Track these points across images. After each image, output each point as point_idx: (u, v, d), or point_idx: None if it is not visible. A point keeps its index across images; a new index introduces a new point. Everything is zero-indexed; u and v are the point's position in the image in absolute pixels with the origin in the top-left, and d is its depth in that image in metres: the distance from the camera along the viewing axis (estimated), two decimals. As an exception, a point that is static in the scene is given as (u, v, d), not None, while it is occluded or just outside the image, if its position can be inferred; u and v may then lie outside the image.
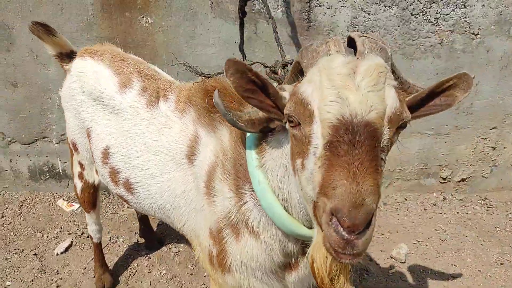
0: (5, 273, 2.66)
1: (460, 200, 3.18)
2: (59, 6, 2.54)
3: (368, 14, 2.56)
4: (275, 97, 1.13)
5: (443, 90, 1.15)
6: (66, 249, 2.82)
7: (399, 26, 2.60)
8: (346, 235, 0.93)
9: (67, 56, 2.02)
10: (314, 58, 1.09)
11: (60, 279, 2.63)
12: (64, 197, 3.27)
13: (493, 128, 2.95)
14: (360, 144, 0.97)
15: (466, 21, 2.58)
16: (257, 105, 1.13)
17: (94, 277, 2.56)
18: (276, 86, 1.18)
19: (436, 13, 2.55)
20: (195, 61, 2.70)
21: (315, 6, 2.55)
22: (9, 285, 2.59)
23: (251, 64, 1.32)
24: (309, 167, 1.04)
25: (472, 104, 2.85)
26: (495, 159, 3.07)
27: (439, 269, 2.62)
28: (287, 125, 1.13)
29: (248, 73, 1.07)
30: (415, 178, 3.15)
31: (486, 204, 3.15)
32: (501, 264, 2.65)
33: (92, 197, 2.19)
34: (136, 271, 2.68)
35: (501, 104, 2.86)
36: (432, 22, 2.58)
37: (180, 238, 2.89)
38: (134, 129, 1.70)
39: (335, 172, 0.96)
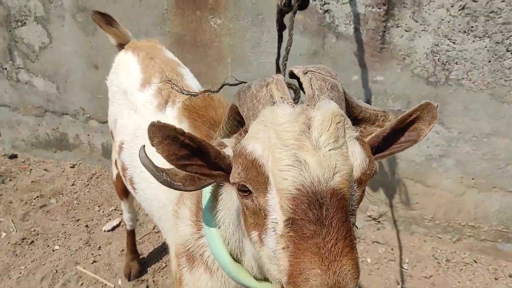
0: (57, 237, 2.89)
1: (543, 275, 2.66)
2: (137, -2, 2.63)
3: (453, 43, 2.22)
4: (218, 158, 0.97)
5: (407, 125, 1.00)
6: (113, 228, 2.98)
7: (490, 61, 2.21)
8: None
9: None
10: (255, 107, 0.93)
11: (99, 255, 2.78)
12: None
13: None
14: (329, 220, 0.81)
15: None
16: (197, 172, 0.97)
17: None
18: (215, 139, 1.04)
19: (540, 51, 2.12)
20: (259, 68, 2.62)
21: (392, 26, 2.28)
22: (56, 249, 2.81)
23: (239, 84, 1.18)
24: (270, 245, 0.88)
25: None
26: None
27: None
28: (236, 194, 0.99)
29: (179, 137, 0.92)
30: (490, 240, 2.70)
31: None
32: None
33: (124, 185, 2.24)
34: (166, 265, 2.72)
35: None
36: (533, 61, 2.15)
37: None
38: (142, 128, 1.69)
39: (304, 258, 0.80)
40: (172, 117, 1.59)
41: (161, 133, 0.90)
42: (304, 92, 0.97)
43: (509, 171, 2.45)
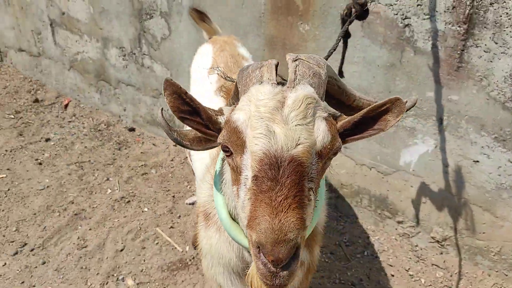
0: (148, 201, 3.37)
1: None
2: (241, 1, 2.94)
3: (535, 69, 2.11)
4: (210, 121, 1.18)
5: (377, 115, 1.11)
6: (194, 203, 3.35)
7: None
8: (272, 267, 1.00)
9: None
10: (247, 84, 1.14)
11: (177, 223, 3.18)
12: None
13: None
14: (284, 179, 1.02)
15: None
16: (193, 127, 1.19)
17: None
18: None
19: None
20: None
21: (471, 46, 2.24)
22: (145, 211, 3.28)
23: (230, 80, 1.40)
24: (241, 196, 1.09)
25: None
26: None
27: None
28: (221, 153, 1.20)
29: (183, 95, 1.13)
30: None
31: None
32: None
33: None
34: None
35: None
36: None
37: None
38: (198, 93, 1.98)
39: (259, 207, 1.00)
40: (220, 101, 1.84)
41: (170, 88, 1.12)
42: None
43: None
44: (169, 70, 3.62)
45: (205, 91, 2.03)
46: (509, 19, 2.10)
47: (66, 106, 4.56)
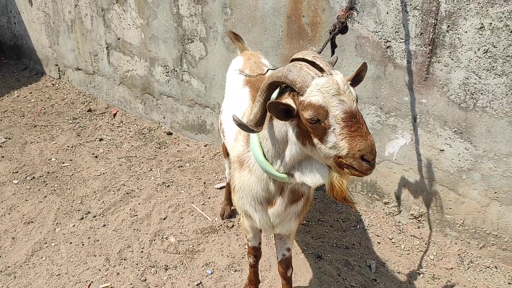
0: (184, 186, 4.14)
1: (556, 291, 2.98)
2: (263, 28, 3.80)
3: (479, 77, 2.88)
4: (290, 108, 1.81)
5: (359, 74, 1.88)
6: (221, 188, 4.11)
7: (507, 95, 2.81)
8: (371, 163, 1.67)
9: None
10: (305, 80, 1.70)
11: (207, 202, 3.93)
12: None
13: None
14: (360, 120, 1.70)
15: None
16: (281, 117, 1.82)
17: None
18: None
19: (546, 90, 2.66)
20: (338, 85, 3.54)
21: (434, 62, 3.03)
22: (182, 192, 4.05)
23: (275, 69, 2.20)
24: (331, 140, 1.68)
25: None
26: None
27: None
28: (306, 123, 1.84)
29: (279, 106, 1.76)
30: (511, 251, 3.14)
31: None
32: None
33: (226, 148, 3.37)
34: (249, 217, 3.76)
35: None
36: (541, 98, 2.70)
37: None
38: (234, 96, 2.78)
39: (356, 138, 1.63)
40: (247, 91, 2.65)
41: (272, 106, 1.73)
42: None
43: (525, 189, 2.93)
44: (204, 83, 4.48)
45: (236, 85, 2.85)
46: (460, 42, 2.89)
47: (114, 115, 5.45)
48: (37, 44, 6.37)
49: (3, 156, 4.55)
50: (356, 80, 1.89)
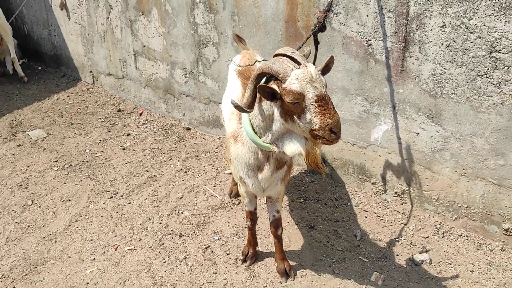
0: (199, 172, 4.72)
1: (518, 254, 3.39)
2: (266, 32, 4.37)
3: (444, 68, 3.35)
4: (274, 92, 2.35)
5: (327, 65, 2.40)
6: (230, 173, 4.67)
7: (467, 82, 3.27)
8: (338, 133, 2.23)
9: None
10: (286, 72, 2.19)
11: (219, 184, 4.48)
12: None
13: (555, 195, 3.13)
14: (328, 100, 2.24)
15: (525, 89, 3.03)
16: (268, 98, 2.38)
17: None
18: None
19: (498, 77, 3.11)
20: (329, 79, 4.05)
21: (408, 56, 3.52)
22: (197, 177, 4.62)
23: (262, 61, 2.76)
24: (307, 117, 2.19)
25: (533, 166, 3.16)
26: (558, 227, 3.18)
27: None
28: (288, 104, 2.33)
29: (266, 89, 2.30)
30: (479, 221, 3.56)
31: (544, 268, 3.26)
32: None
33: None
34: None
35: (562, 173, 3.05)
36: (494, 84, 3.14)
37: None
38: (231, 86, 3.34)
39: (325, 115, 2.15)
40: (237, 78, 3.19)
41: (261, 88, 2.31)
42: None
43: (487, 165, 3.37)
44: (217, 83, 5.07)
45: (232, 77, 3.41)
46: (427, 38, 3.38)
47: (140, 114, 6.11)
48: (74, 54, 7.15)
49: (45, 148, 5.26)
50: (325, 70, 2.41)
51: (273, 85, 2.34)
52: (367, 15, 3.62)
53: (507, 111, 3.16)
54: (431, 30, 3.33)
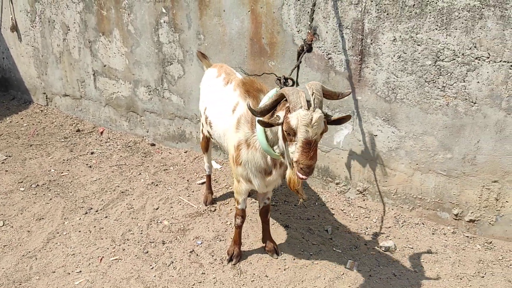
0: (171, 184, 4.87)
1: (467, 237, 3.89)
2: (231, 49, 4.69)
3: (396, 77, 3.84)
4: (273, 117, 2.72)
5: (340, 119, 2.71)
6: (202, 183, 4.87)
7: (417, 88, 3.77)
8: (308, 174, 2.51)
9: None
10: (296, 105, 2.45)
11: (192, 194, 4.67)
12: (216, 160, 5.42)
13: (494, 182, 3.67)
14: (312, 146, 2.50)
15: (465, 91, 3.57)
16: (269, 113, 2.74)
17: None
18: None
19: (443, 82, 3.64)
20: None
21: (364, 67, 3.98)
22: (169, 189, 4.78)
23: (270, 74, 3.07)
24: (292, 148, 2.50)
25: (475, 157, 3.69)
26: (498, 210, 3.72)
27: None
28: (284, 132, 2.68)
29: (276, 118, 2.66)
30: (432, 209, 4.05)
31: (489, 246, 3.78)
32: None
33: (205, 144, 4.20)
34: (228, 202, 4.53)
35: (499, 162, 3.60)
36: (440, 88, 3.67)
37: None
38: (217, 96, 3.60)
39: (304, 155, 2.43)
40: (231, 88, 3.47)
41: (259, 110, 2.66)
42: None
43: (437, 159, 3.87)
44: (182, 98, 5.30)
45: (219, 89, 3.64)
46: (380, 51, 3.86)
47: (101, 133, 6.16)
48: (25, 76, 7.05)
49: (6, 170, 5.18)
50: (336, 122, 2.71)
51: (282, 111, 2.65)
52: (327, 32, 4.06)
53: (451, 111, 3.68)
54: (384, 43, 3.82)
